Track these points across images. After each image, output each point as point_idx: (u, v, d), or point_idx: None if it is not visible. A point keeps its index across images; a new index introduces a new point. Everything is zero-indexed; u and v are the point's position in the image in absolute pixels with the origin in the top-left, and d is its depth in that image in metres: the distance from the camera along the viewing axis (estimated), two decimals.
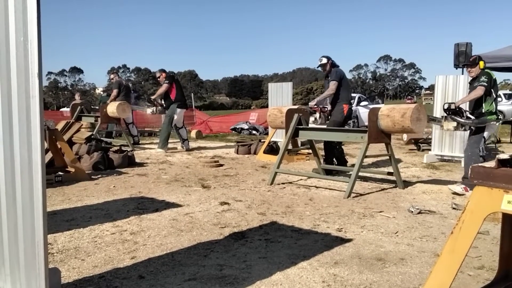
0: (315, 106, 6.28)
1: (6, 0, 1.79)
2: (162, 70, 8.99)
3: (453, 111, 4.97)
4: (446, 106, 5.03)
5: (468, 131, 5.22)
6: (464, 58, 7.76)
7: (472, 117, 4.97)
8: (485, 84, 4.86)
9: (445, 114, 5.03)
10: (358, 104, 16.34)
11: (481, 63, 5.09)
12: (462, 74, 7.62)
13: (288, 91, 9.61)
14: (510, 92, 23.62)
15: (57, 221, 3.70)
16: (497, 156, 1.60)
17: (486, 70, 5.13)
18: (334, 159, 6.43)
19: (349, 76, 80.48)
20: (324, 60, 6.44)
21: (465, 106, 5.28)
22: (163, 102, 9.01)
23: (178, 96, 8.75)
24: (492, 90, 4.97)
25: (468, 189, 4.80)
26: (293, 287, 2.42)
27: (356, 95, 17.93)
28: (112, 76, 10.40)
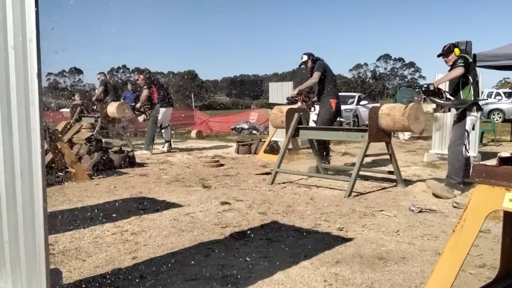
0: (297, 96, 6.19)
1: (4, 0, 1.79)
2: (139, 72, 8.93)
3: (432, 92, 4.75)
4: (424, 88, 4.79)
5: (453, 123, 4.98)
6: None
7: (452, 98, 4.77)
8: (463, 64, 4.65)
9: (424, 96, 4.78)
10: (358, 103, 16.36)
11: (456, 50, 4.91)
12: None
13: (289, 91, 9.61)
14: (510, 90, 23.61)
15: (57, 222, 3.70)
16: (498, 154, 1.60)
17: (462, 54, 4.93)
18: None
19: (348, 75, 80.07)
20: (305, 58, 6.29)
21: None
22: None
23: (161, 97, 8.74)
24: (469, 76, 4.74)
25: (454, 189, 4.77)
26: (295, 287, 2.41)
27: (356, 94, 17.97)
28: (98, 76, 10.52)
